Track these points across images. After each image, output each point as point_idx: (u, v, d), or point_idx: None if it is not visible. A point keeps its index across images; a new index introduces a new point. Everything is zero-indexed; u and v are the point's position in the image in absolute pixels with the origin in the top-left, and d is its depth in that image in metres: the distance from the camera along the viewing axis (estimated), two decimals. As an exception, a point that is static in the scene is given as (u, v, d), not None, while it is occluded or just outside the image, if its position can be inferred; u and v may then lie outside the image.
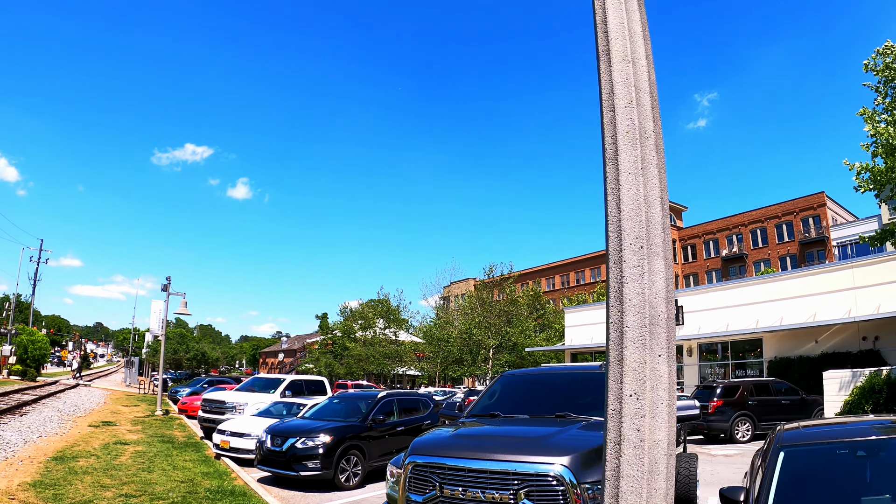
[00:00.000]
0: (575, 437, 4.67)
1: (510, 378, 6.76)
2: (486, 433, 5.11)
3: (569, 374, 6.65)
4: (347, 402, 11.75)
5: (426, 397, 13.09)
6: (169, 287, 22.18)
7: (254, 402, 15.67)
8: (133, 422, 19.39)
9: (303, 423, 10.39)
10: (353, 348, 53.58)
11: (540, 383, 6.55)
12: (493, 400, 6.33)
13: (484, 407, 6.19)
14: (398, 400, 11.79)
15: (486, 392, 6.44)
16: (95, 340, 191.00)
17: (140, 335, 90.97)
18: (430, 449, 4.67)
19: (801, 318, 24.31)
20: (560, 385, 6.39)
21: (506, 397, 6.37)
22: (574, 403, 5.75)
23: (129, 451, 12.51)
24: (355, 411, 11.15)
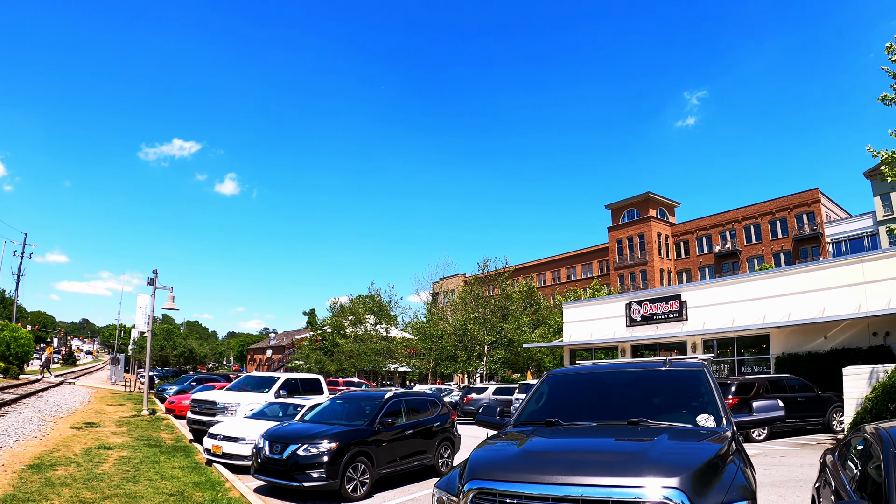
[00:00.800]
0: (674, 449, 3.80)
1: (559, 378, 5.83)
2: (562, 448, 4.19)
3: (629, 373, 5.75)
4: (351, 404, 10.81)
5: (434, 397, 12.21)
6: (156, 281, 21.12)
7: (247, 402, 14.69)
8: (118, 423, 18.35)
9: (304, 428, 9.45)
10: (343, 344, 52.61)
11: (596, 383, 5.64)
12: (541, 404, 5.42)
13: (533, 412, 5.29)
14: (406, 400, 10.90)
15: (533, 395, 5.53)
16: (81, 337, 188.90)
17: (126, 331, 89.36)
18: (498, 471, 3.72)
19: (809, 313, 23.72)
20: (621, 385, 5.51)
21: (558, 401, 5.46)
22: (643, 407, 4.94)
23: (113, 457, 11.53)
24: (360, 413, 10.23)
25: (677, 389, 5.25)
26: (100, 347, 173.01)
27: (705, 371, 5.28)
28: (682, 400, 5.08)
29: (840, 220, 57.71)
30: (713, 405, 4.74)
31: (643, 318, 29.40)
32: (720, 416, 4.60)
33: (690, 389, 5.11)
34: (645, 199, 70.10)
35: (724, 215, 65.36)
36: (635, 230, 70.20)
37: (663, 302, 28.69)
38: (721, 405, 4.72)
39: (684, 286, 30.10)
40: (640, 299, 30.04)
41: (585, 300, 38.37)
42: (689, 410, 4.85)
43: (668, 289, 31.39)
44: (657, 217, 69.78)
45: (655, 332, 28.55)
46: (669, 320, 28.25)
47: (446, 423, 11.68)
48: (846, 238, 55.75)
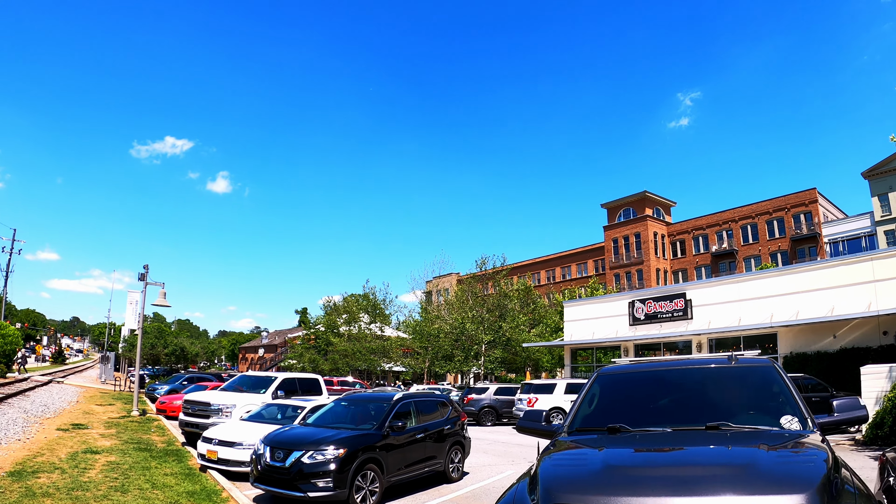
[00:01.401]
0: (784, 459, 3.22)
1: (611, 377, 5.14)
2: (653, 461, 3.53)
3: (692, 370, 5.07)
4: (357, 406, 10.08)
5: (444, 398, 11.50)
6: (146, 277, 20.30)
7: (242, 403, 13.91)
8: (107, 424, 17.54)
9: (308, 433, 8.70)
10: (337, 343, 51.77)
11: (655, 382, 4.95)
12: (595, 407, 4.75)
13: (588, 417, 4.61)
14: (416, 402, 10.19)
15: (584, 397, 4.84)
16: (72, 335, 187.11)
17: (116, 330, 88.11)
18: (585, 490, 3.01)
19: (818, 311, 23.23)
20: (685, 384, 4.85)
21: (614, 403, 4.80)
22: (717, 409, 4.34)
23: (101, 463, 10.76)
24: (367, 416, 9.51)
25: (749, 388, 4.71)
26: (90, 346, 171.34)
27: (776, 367, 4.75)
28: (757, 400, 4.57)
29: (838, 221, 57.44)
30: (793, 405, 4.23)
31: (647, 316, 28.81)
32: (804, 418, 4.08)
33: (763, 388, 4.61)
34: (641, 199, 69.62)
35: (720, 215, 65.01)
36: (631, 229, 69.74)
37: (667, 300, 28.12)
38: (802, 405, 4.22)
39: (689, 284, 29.53)
40: (644, 297, 29.46)
41: (587, 298, 37.75)
42: (767, 411, 4.33)
43: (673, 287, 30.84)
44: (653, 216, 69.35)
45: (659, 330, 27.97)
46: (674, 319, 27.67)
47: (456, 426, 11.00)
48: (844, 238, 55.49)
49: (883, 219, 53.38)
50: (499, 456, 14.56)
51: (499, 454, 14.92)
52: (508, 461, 13.75)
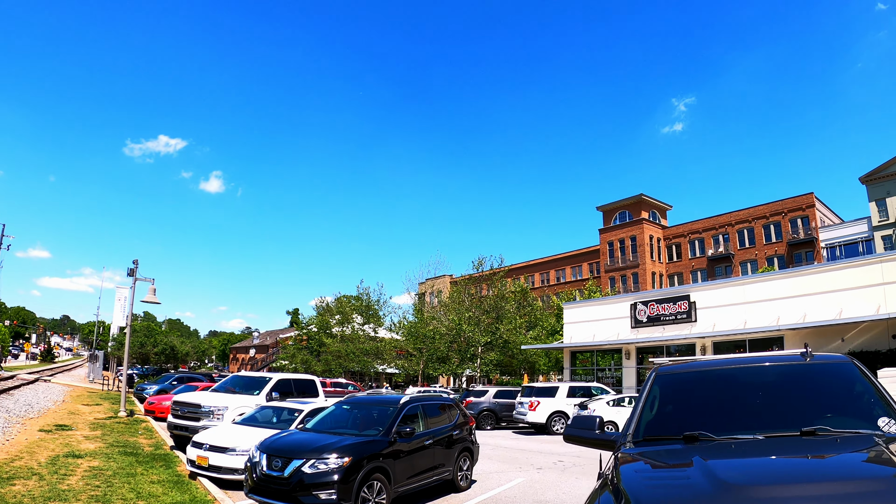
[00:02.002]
0: None
1: (673, 378, 4.49)
2: (772, 477, 2.91)
3: (764, 368, 4.45)
4: (361, 410, 9.35)
5: (451, 401, 10.80)
6: (136, 272, 19.49)
7: (235, 406, 13.15)
8: (92, 425, 16.74)
9: (309, 439, 7.97)
10: (330, 344, 50.93)
11: (725, 383, 4.33)
12: (657, 411, 4.11)
13: (653, 423, 3.98)
14: (424, 405, 9.48)
15: (644, 400, 4.19)
16: (62, 333, 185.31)
17: (106, 328, 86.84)
18: None
19: (826, 314, 22.70)
20: (759, 385, 4.25)
21: (683, 407, 4.17)
22: (802, 411, 3.84)
23: (83, 468, 10.01)
24: (372, 421, 8.79)
25: (830, 387, 4.20)
26: (80, 344, 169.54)
27: (856, 364, 4.26)
28: (842, 400, 4.06)
29: (835, 225, 57.19)
30: (882, 405, 3.76)
31: (649, 319, 28.22)
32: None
33: (846, 387, 4.15)
34: (637, 202, 69.22)
35: (717, 219, 64.69)
36: (627, 232, 69.32)
37: (671, 302, 27.54)
38: (894, 404, 3.76)
39: (693, 286, 28.99)
40: (647, 300, 28.86)
41: (587, 300, 37.13)
42: (857, 413, 3.84)
43: (676, 289, 30.26)
44: (649, 219, 68.97)
45: (662, 333, 27.39)
46: (677, 321, 27.10)
47: (465, 431, 10.31)
48: (841, 243, 55.23)
49: (880, 224, 53.14)
50: (505, 462, 13.89)
51: (504, 460, 14.25)
52: (516, 468, 13.07)
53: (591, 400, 20.72)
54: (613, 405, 20.31)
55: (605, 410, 19.89)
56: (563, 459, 14.61)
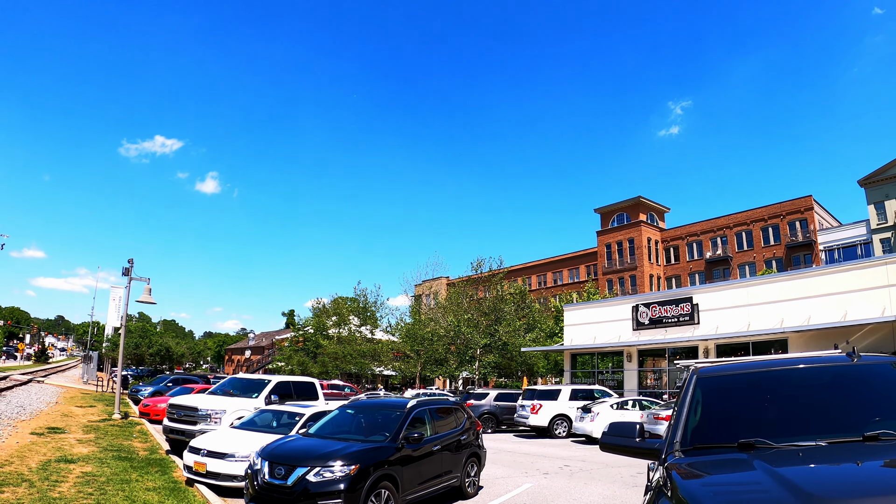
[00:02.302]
0: None
1: (716, 381, 4.18)
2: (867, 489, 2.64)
3: (811, 370, 4.16)
4: (366, 414, 9.00)
5: (458, 404, 10.46)
6: (131, 271, 19.08)
7: (233, 409, 12.76)
8: (85, 428, 16.33)
9: (312, 445, 7.60)
10: (326, 346, 50.50)
11: (771, 385, 4.03)
12: (701, 417, 3.82)
13: (701, 430, 3.68)
14: (431, 409, 9.13)
15: (688, 405, 3.88)
16: (56, 334, 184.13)
17: (100, 329, 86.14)
18: None
19: (830, 317, 22.45)
20: (808, 387, 4.00)
21: (730, 411, 3.89)
22: (858, 415, 3.60)
23: (75, 474, 9.63)
24: (377, 426, 8.43)
25: (883, 389, 3.97)
26: (74, 345, 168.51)
27: None
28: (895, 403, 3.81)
29: (833, 228, 57.09)
30: None
31: (651, 321, 27.92)
32: None
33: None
34: (635, 204, 69.02)
35: (715, 221, 64.53)
36: (625, 234, 69.11)
37: (673, 304, 27.24)
38: None
39: (696, 288, 28.70)
40: (649, 302, 28.56)
41: (588, 302, 36.82)
42: None
43: (679, 291, 29.98)
44: (647, 222, 68.78)
45: (664, 335, 27.10)
46: (680, 324, 26.80)
47: (472, 435, 9.97)
48: (839, 246, 55.11)
49: (879, 227, 53.06)
50: (509, 466, 13.55)
51: (508, 464, 13.91)
52: (521, 472, 12.74)
53: (595, 403, 20.40)
54: (617, 408, 20.01)
55: (608, 414, 19.58)
56: (570, 464, 14.28)
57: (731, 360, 4.86)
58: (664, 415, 18.00)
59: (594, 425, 19.22)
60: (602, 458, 15.58)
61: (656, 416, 18.15)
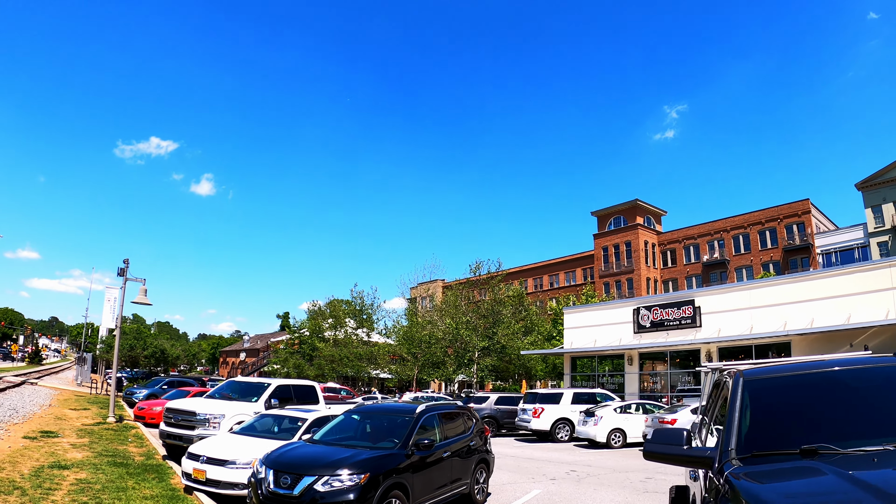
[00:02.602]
0: None
1: (764, 383, 3.93)
2: None
3: (862, 371, 3.93)
4: (373, 420, 8.68)
5: (465, 408, 10.15)
6: (126, 272, 18.72)
7: (232, 413, 12.37)
8: (79, 432, 15.95)
9: (319, 452, 7.28)
10: (322, 348, 50.06)
11: (823, 387, 3.80)
12: (751, 421, 3.58)
13: (754, 436, 3.44)
14: (440, 414, 8.81)
15: (735, 410, 3.64)
16: (50, 335, 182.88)
17: (94, 330, 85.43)
18: None
19: (834, 319, 22.27)
20: (860, 389, 3.79)
21: (785, 415, 3.66)
22: None
23: (69, 481, 9.29)
24: (385, 432, 8.12)
25: None
26: (68, 346, 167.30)
27: None
28: None
29: (830, 232, 57.05)
30: None
31: (653, 324, 27.69)
32: None
33: None
34: (632, 207, 68.90)
35: (712, 224, 64.46)
36: (622, 238, 68.97)
37: (675, 307, 27.02)
38: None
39: (697, 291, 28.47)
40: (650, 304, 28.33)
41: (588, 305, 36.56)
42: None
43: (681, 294, 29.77)
44: (644, 225, 68.66)
45: (666, 338, 26.86)
46: (682, 327, 26.57)
47: (480, 441, 9.67)
48: (837, 249, 55.07)
49: (876, 230, 53.05)
50: (514, 472, 13.25)
51: (513, 470, 13.61)
52: (528, 478, 12.45)
53: (598, 407, 20.12)
54: (620, 412, 19.73)
55: (612, 417, 19.31)
56: (576, 469, 14.00)
57: (771, 362, 4.63)
58: (669, 419, 17.72)
59: (598, 429, 18.94)
60: (609, 462, 15.30)
61: (661, 419, 17.87)
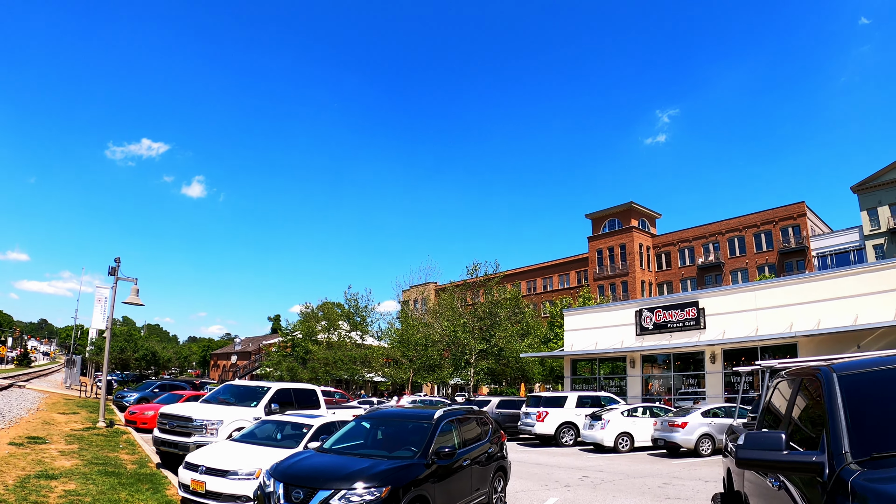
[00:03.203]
0: None
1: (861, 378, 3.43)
2: None
3: None
4: (387, 427, 8.05)
5: (481, 412, 9.55)
6: (118, 271, 18.03)
7: (231, 419, 11.75)
8: (68, 437, 15.26)
9: (332, 463, 6.63)
10: (316, 351, 49.28)
11: None
12: (855, 421, 3.13)
13: (865, 436, 3.00)
14: (459, 419, 8.23)
15: (838, 410, 3.15)
16: (39, 337, 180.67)
17: (84, 332, 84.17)
18: None
19: (841, 321, 21.92)
20: None
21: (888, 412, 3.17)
22: None
23: (57, 493, 8.65)
24: (401, 440, 7.50)
25: None
26: (57, 349, 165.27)
27: None
28: None
29: (826, 234, 57.00)
30: None
31: (655, 326, 27.24)
32: None
33: None
34: (627, 209, 68.67)
35: (707, 227, 64.35)
36: (617, 240, 68.74)
37: (678, 309, 26.59)
38: None
39: (701, 292, 28.04)
40: (653, 306, 27.89)
41: (589, 307, 36.11)
42: None
43: (684, 295, 29.36)
44: (639, 228, 68.42)
45: (669, 341, 26.41)
46: (685, 329, 26.14)
47: (497, 447, 9.11)
48: (832, 252, 55.02)
49: (872, 233, 53.05)
50: (526, 479, 12.69)
51: (524, 476, 13.04)
52: (540, 485, 11.89)
53: (604, 410, 19.61)
54: (627, 416, 19.24)
55: (620, 421, 18.81)
56: (588, 475, 13.47)
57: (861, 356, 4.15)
58: (680, 422, 17.24)
59: (605, 433, 18.43)
60: (620, 467, 14.81)
61: (671, 423, 17.38)
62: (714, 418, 17.69)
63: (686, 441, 17.01)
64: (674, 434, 17.14)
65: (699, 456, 16.89)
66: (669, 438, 17.22)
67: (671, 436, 17.19)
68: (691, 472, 14.06)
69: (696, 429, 17.15)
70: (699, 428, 17.20)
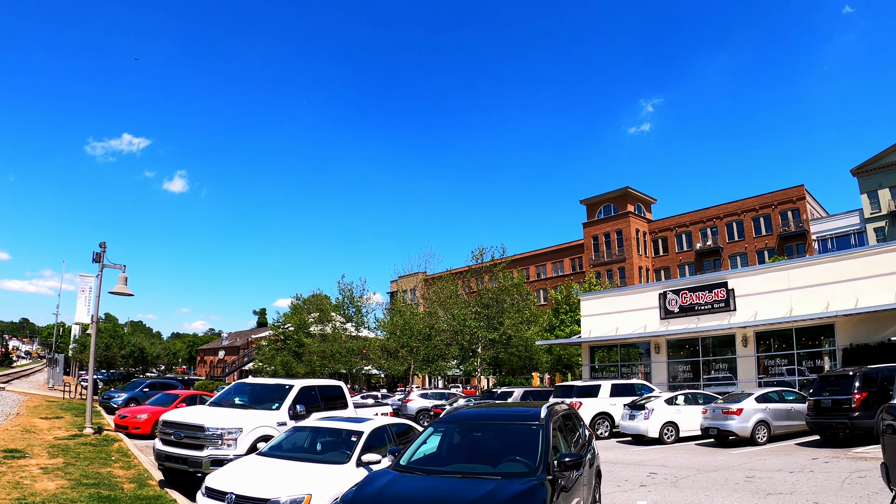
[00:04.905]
0: None
1: None
2: None
3: None
4: (481, 432, 5.93)
5: (570, 407, 7.77)
6: (103, 257, 16.01)
7: (252, 426, 9.66)
8: (52, 449, 13.29)
9: (436, 489, 4.75)
10: (310, 344, 47.28)
11: None
12: None
13: None
14: (562, 416, 6.44)
15: None
16: (20, 337, 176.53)
17: (66, 330, 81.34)
18: None
19: (882, 299, 20.58)
20: None
21: None
22: None
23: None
24: (505, 449, 5.55)
25: None
26: (39, 348, 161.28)
27: None
28: None
29: (826, 218, 56.25)
30: None
31: (681, 308, 25.71)
32: None
33: None
34: (623, 195, 67.48)
35: (705, 212, 63.39)
36: (612, 226, 67.57)
37: (706, 290, 25.07)
38: None
39: (731, 272, 26.55)
40: (678, 288, 26.37)
41: (608, 290, 34.53)
42: None
43: (712, 275, 27.86)
44: (635, 213, 67.25)
45: (697, 324, 24.91)
46: (714, 311, 24.64)
47: (592, 446, 7.41)
48: (833, 235, 54.25)
49: (872, 216, 52.28)
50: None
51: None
52: (613, 486, 10.19)
53: (644, 399, 17.98)
54: (670, 404, 17.67)
55: (664, 410, 17.24)
56: (654, 471, 11.89)
57: None
58: (735, 408, 15.70)
59: (649, 424, 16.82)
60: (679, 461, 13.34)
61: (725, 410, 15.85)
62: (769, 403, 16.19)
63: (742, 429, 15.48)
64: (728, 422, 15.60)
65: (755, 444, 15.41)
66: (724, 427, 15.68)
67: (725, 424, 15.65)
68: (762, 462, 12.59)
69: (752, 415, 15.64)
70: (755, 414, 15.69)
